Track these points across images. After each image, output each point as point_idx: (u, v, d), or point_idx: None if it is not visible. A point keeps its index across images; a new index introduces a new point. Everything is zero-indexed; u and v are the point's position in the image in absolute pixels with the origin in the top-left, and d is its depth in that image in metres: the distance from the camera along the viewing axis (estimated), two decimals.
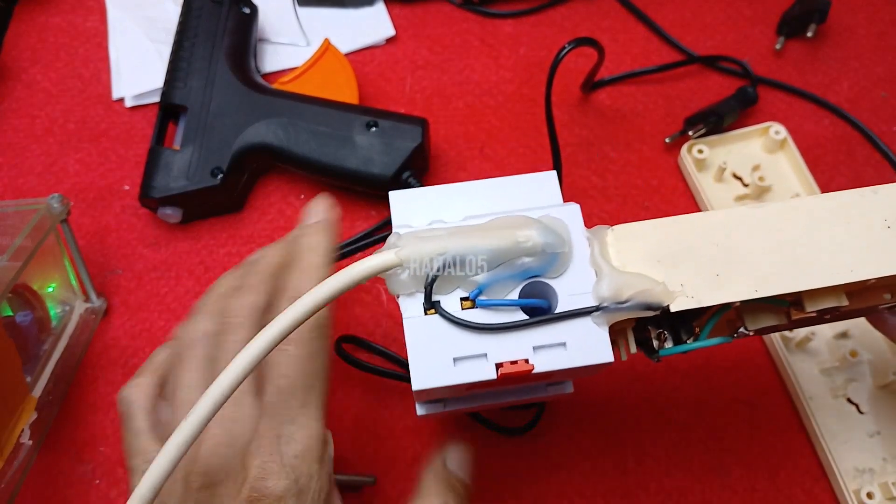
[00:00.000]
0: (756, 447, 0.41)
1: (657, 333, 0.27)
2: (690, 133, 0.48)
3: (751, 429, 0.41)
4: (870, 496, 0.38)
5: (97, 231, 0.46)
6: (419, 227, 0.27)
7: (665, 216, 0.27)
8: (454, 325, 0.25)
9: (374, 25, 0.53)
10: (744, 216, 0.26)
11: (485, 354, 0.25)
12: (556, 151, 0.44)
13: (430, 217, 0.27)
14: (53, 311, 0.41)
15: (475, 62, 0.52)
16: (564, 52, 0.43)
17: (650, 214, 0.47)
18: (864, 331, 0.42)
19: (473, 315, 0.25)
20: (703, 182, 0.47)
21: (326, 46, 0.49)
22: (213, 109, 0.45)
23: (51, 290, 0.41)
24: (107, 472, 0.40)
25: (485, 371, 0.25)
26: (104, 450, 0.40)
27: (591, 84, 0.50)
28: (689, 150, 0.47)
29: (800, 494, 0.40)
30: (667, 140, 0.49)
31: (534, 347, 0.25)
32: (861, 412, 0.41)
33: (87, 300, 0.43)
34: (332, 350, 0.28)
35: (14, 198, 0.47)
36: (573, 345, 0.25)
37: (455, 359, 0.25)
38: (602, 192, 0.48)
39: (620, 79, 0.51)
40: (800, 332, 0.42)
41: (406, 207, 0.28)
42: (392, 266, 0.25)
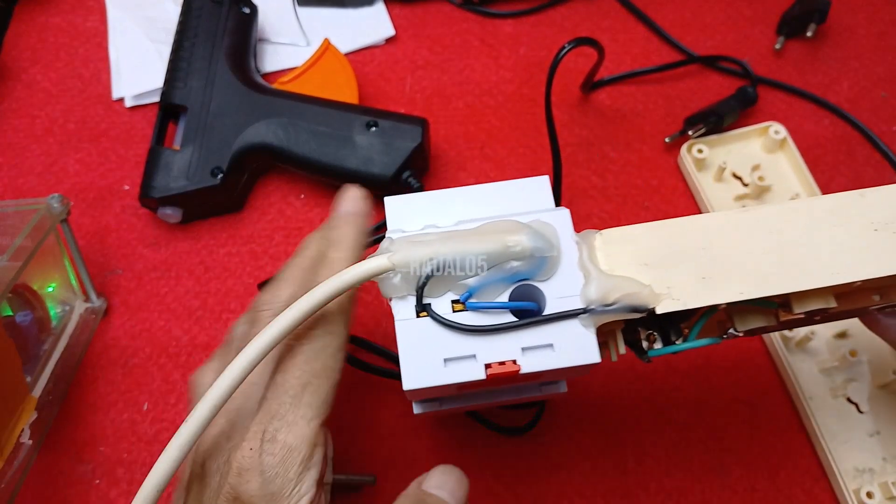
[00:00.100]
0: (756, 447, 0.41)
1: (646, 335, 0.28)
2: (690, 133, 0.48)
3: (751, 429, 0.41)
4: (870, 496, 0.38)
5: (97, 231, 0.46)
6: (412, 232, 0.27)
7: (665, 216, 0.27)
8: (445, 327, 0.25)
9: (374, 25, 0.53)
10: (731, 220, 0.27)
11: (474, 355, 0.25)
12: (556, 151, 0.44)
13: (424, 222, 0.28)
14: (53, 311, 0.41)
15: (475, 62, 0.52)
16: (564, 52, 0.43)
17: (650, 214, 0.47)
18: (864, 330, 0.41)
19: (464, 317, 0.26)
20: (703, 182, 0.47)
21: (326, 46, 0.49)
22: (213, 109, 0.45)
23: (51, 290, 0.41)
24: (107, 472, 0.40)
25: (474, 371, 0.25)
26: (104, 450, 0.40)
27: (591, 84, 0.50)
28: (689, 150, 0.47)
29: (800, 494, 0.40)
30: (667, 140, 0.49)
31: (522, 348, 0.25)
32: (861, 412, 0.41)
33: (87, 300, 0.43)
34: (344, 358, 0.28)
35: (14, 198, 0.47)
36: (560, 346, 0.25)
37: (445, 359, 0.25)
38: (602, 192, 0.48)
39: (620, 79, 0.51)
40: (799, 332, 0.42)
41: (400, 212, 0.28)
42: (385, 270, 0.25)
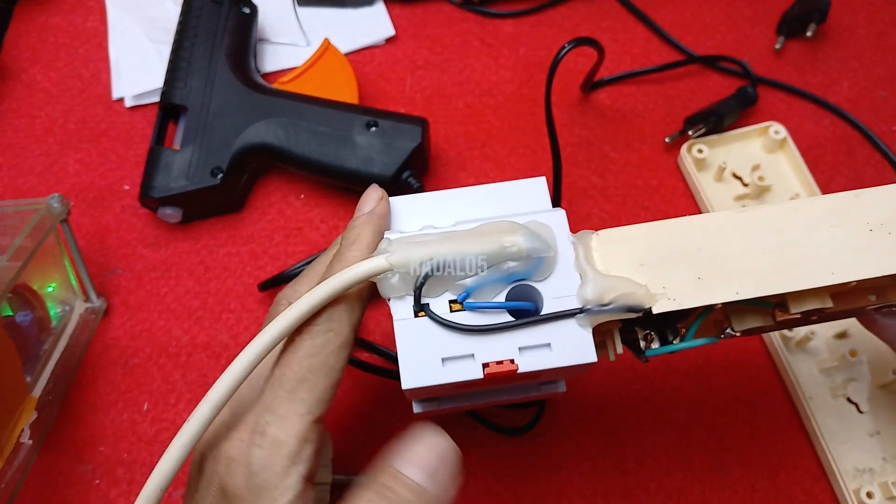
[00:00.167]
0: (756, 447, 0.41)
1: (644, 334, 0.28)
2: (690, 133, 0.48)
3: (751, 429, 0.41)
4: (870, 496, 0.38)
5: (97, 231, 0.46)
6: (410, 232, 0.27)
7: (665, 216, 0.27)
8: (443, 327, 0.26)
9: (374, 25, 0.53)
10: (727, 220, 0.27)
11: (472, 355, 0.25)
12: (556, 151, 0.44)
13: (422, 222, 0.28)
14: (53, 311, 0.41)
15: (475, 62, 0.52)
16: (564, 52, 0.43)
17: (650, 214, 0.47)
18: (864, 330, 0.41)
19: (461, 317, 0.26)
20: (703, 182, 0.47)
21: (326, 46, 0.49)
22: (213, 109, 0.45)
23: (51, 290, 0.41)
24: (107, 472, 0.40)
25: (472, 371, 0.25)
26: (104, 450, 0.40)
27: (591, 84, 0.50)
28: (689, 150, 0.47)
29: (800, 494, 0.40)
30: (667, 140, 0.49)
31: (519, 348, 0.26)
32: (861, 412, 0.41)
33: (87, 300, 0.43)
34: (346, 357, 0.27)
35: (14, 198, 0.47)
36: (557, 346, 0.26)
37: (443, 359, 0.25)
38: (602, 192, 0.48)
39: (620, 79, 0.51)
40: (799, 332, 0.42)
41: (398, 213, 0.28)
42: (383, 271, 0.25)
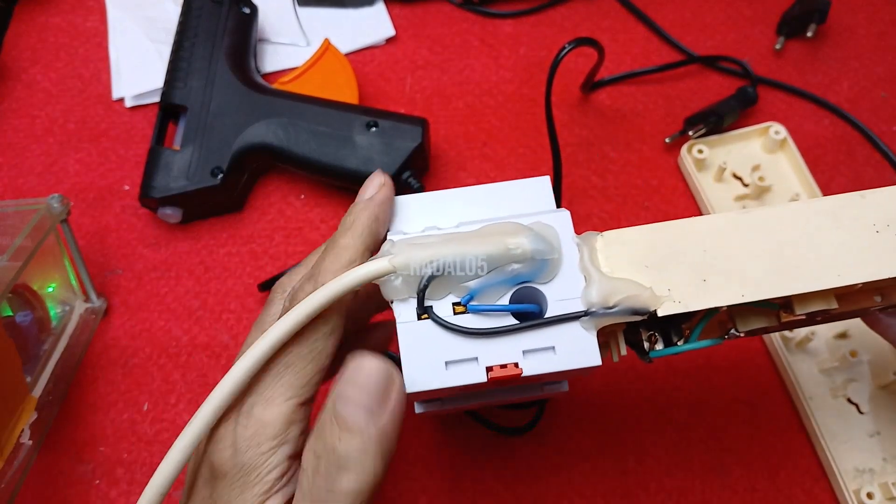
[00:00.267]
0: (756, 447, 0.41)
1: (648, 336, 0.28)
2: (690, 133, 0.48)
3: (751, 429, 0.41)
4: (870, 496, 0.38)
5: (97, 231, 0.46)
6: (413, 234, 0.27)
7: (665, 216, 0.27)
8: (446, 330, 0.25)
9: (374, 25, 0.53)
10: (732, 221, 0.27)
11: (476, 358, 0.25)
12: (556, 151, 0.44)
13: (425, 223, 0.28)
14: (53, 311, 0.41)
15: (475, 62, 0.52)
16: (564, 52, 0.43)
17: (650, 214, 0.47)
18: (864, 331, 0.42)
19: (465, 320, 0.25)
20: (703, 182, 0.47)
21: (326, 46, 0.49)
22: (213, 109, 0.45)
23: (51, 290, 0.41)
24: (107, 472, 0.40)
25: (475, 374, 0.25)
26: (104, 450, 0.40)
27: (591, 84, 0.50)
28: (689, 150, 0.47)
29: (800, 494, 0.40)
30: (667, 140, 0.49)
31: (523, 351, 0.25)
32: (861, 412, 0.41)
33: (87, 300, 0.43)
34: (335, 343, 0.27)
35: (14, 198, 0.47)
36: (562, 349, 0.25)
37: (447, 362, 0.25)
38: (602, 192, 0.48)
39: (620, 79, 0.51)
40: (800, 332, 0.42)
41: (401, 214, 0.28)
42: (386, 273, 0.25)
